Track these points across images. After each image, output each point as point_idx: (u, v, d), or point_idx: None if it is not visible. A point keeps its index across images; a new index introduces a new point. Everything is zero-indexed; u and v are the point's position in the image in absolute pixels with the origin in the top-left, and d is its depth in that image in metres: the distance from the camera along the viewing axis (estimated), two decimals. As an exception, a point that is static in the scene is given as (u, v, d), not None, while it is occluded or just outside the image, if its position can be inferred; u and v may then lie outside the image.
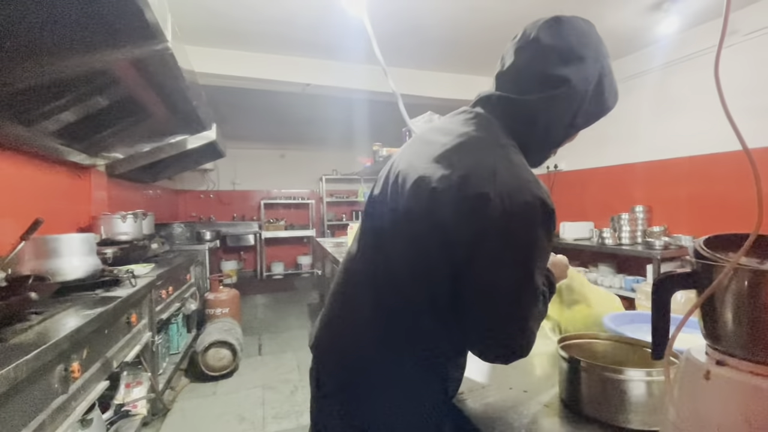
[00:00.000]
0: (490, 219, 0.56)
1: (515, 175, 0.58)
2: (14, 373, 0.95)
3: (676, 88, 3.24)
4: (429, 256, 0.62)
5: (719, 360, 0.42)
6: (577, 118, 0.67)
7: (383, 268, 0.69)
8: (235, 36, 3.01)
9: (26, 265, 1.61)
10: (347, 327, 0.74)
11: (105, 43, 1.47)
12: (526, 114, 0.66)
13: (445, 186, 0.60)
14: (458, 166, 0.61)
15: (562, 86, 0.64)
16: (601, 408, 0.66)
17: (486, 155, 0.61)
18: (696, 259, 0.44)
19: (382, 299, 0.69)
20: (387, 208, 0.71)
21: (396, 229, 0.67)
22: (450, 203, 0.59)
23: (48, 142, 2.16)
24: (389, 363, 0.68)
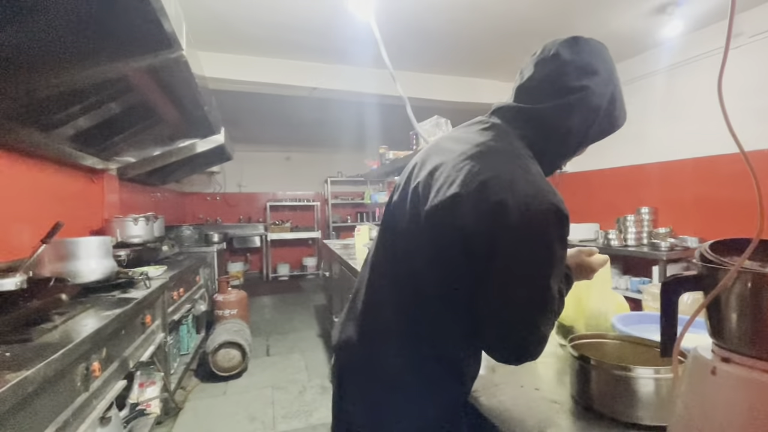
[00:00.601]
0: (508, 226, 0.59)
1: (532, 184, 0.61)
2: (44, 371, 0.99)
3: (682, 90, 3.25)
4: (449, 259, 0.65)
5: (725, 357, 0.45)
6: (590, 130, 0.71)
7: (405, 271, 0.73)
8: (244, 41, 3.06)
9: (47, 267, 1.66)
10: (369, 327, 0.77)
11: (123, 53, 1.52)
12: (541, 123, 0.70)
13: (465, 192, 0.63)
14: (477, 173, 0.63)
15: (579, 94, 0.68)
16: (610, 404, 0.69)
17: (504, 164, 0.64)
18: (702, 263, 0.47)
19: (403, 300, 0.72)
20: (408, 214, 0.73)
21: (417, 233, 0.70)
22: (470, 209, 0.62)
23: (64, 147, 2.21)
24: (409, 361, 0.71)
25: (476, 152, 0.68)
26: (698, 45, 3.07)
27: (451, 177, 0.66)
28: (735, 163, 2.84)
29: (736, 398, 0.42)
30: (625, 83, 3.72)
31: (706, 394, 0.44)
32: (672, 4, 2.67)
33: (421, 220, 0.69)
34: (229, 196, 7.00)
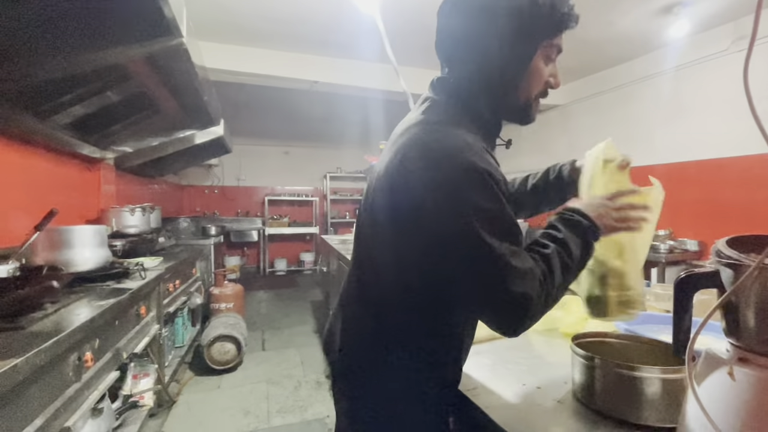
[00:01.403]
0: (427, 192, 0.57)
1: (445, 146, 0.60)
2: (35, 359, 0.97)
3: (686, 91, 3.24)
4: (393, 244, 0.66)
5: (741, 357, 0.43)
6: (506, 59, 0.65)
7: (367, 264, 0.75)
8: (246, 32, 3.03)
9: (40, 255, 1.63)
10: (343, 326, 0.77)
11: (122, 39, 1.49)
12: (460, 89, 0.70)
13: (391, 171, 0.64)
14: (399, 149, 0.64)
15: (466, 45, 0.67)
16: (615, 404, 0.67)
17: (420, 132, 0.64)
18: (719, 259, 0.45)
19: (369, 298, 0.73)
20: (367, 208, 0.74)
21: (372, 226, 0.72)
22: (395, 186, 0.63)
23: (60, 134, 2.18)
24: (383, 358, 0.70)
25: (405, 128, 0.68)
26: (704, 46, 3.05)
27: (387, 161, 0.67)
28: (737, 166, 2.83)
29: (755, 399, 0.40)
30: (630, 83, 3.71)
31: (722, 395, 0.42)
32: (678, 5, 2.65)
33: (375, 212, 0.70)
34: (228, 190, 6.96)
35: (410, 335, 0.69)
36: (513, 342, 1.07)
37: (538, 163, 4.85)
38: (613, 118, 3.87)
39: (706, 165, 3.10)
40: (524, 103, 0.70)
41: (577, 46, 3.25)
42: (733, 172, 2.87)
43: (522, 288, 0.54)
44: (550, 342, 1.07)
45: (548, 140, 4.73)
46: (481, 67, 0.67)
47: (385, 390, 0.70)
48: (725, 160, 2.92)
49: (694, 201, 3.19)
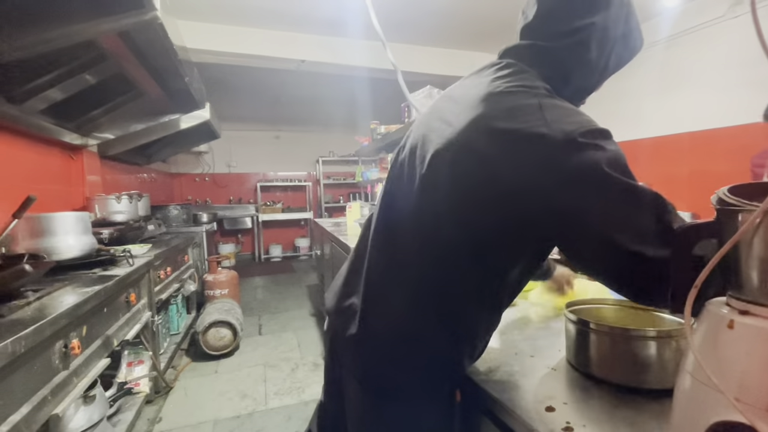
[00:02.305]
0: (560, 156, 0.52)
1: (563, 110, 0.56)
2: (12, 347, 0.94)
3: (680, 62, 3.18)
4: (476, 203, 0.58)
5: (743, 310, 0.41)
6: (609, 61, 0.66)
7: (414, 231, 0.66)
8: (225, 9, 2.90)
9: (20, 244, 1.58)
10: (366, 293, 0.71)
11: (91, 13, 1.41)
12: (559, 60, 0.65)
13: (492, 128, 0.57)
14: (500, 108, 0.58)
15: (590, 29, 0.62)
16: (610, 369, 0.66)
17: (526, 97, 0.58)
18: (721, 207, 0.43)
19: (402, 259, 0.67)
20: (419, 171, 0.66)
21: (427, 186, 0.64)
22: (502, 146, 0.56)
23: (38, 120, 2.10)
24: (411, 321, 0.65)
25: (491, 92, 0.61)
26: (697, 15, 2.98)
27: (470, 114, 0.60)
28: (730, 136, 2.81)
29: (756, 351, 0.38)
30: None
31: (723, 350, 0.40)
32: (673, -30, 2.57)
33: (438, 170, 0.62)
34: (219, 177, 6.86)
35: (465, 316, 0.65)
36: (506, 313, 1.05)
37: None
38: (606, 91, 3.78)
39: (700, 137, 3.07)
40: (591, 89, 0.71)
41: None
42: (726, 143, 2.84)
43: (668, 219, 0.50)
44: (545, 312, 1.06)
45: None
46: (602, 49, 0.64)
47: (411, 353, 0.66)
48: (718, 131, 2.90)
49: (687, 173, 3.18)
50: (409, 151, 0.71)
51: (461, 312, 0.65)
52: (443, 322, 0.64)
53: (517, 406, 0.61)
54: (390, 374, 0.67)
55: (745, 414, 0.36)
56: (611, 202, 0.51)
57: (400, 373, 0.66)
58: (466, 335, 0.66)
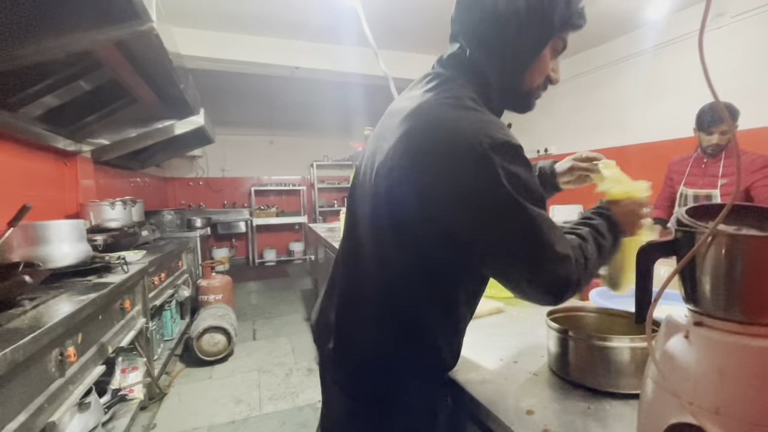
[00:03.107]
0: (466, 168, 0.56)
1: (477, 122, 0.59)
2: (11, 356, 0.95)
3: (665, 70, 3.27)
4: (412, 220, 0.63)
5: (697, 321, 0.45)
6: (520, 47, 0.67)
7: (371, 244, 0.70)
8: (220, 16, 2.93)
9: (15, 252, 1.59)
10: (339, 307, 0.75)
11: (88, 24, 1.43)
12: (471, 63, 0.69)
13: (416, 149, 0.61)
14: (422, 127, 0.61)
15: (486, 25, 0.66)
16: (587, 374, 0.70)
17: (447, 109, 0.62)
18: (678, 227, 0.47)
19: (373, 285, 0.70)
20: (369, 188, 0.70)
21: (376, 203, 0.68)
22: (422, 162, 0.60)
23: (32, 127, 2.11)
24: (380, 338, 0.69)
25: (420, 105, 0.65)
26: (682, 25, 3.07)
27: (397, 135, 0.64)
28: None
29: (707, 360, 0.42)
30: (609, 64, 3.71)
31: (680, 358, 0.44)
32: (657, -17, 2.65)
33: (381, 190, 0.66)
34: (212, 181, 6.85)
35: (421, 320, 0.68)
36: (492, 320, 1.09)
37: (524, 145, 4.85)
38: (593, 99, 3.90)
39: (684, 143, 3.15)
40: (527, 91, 0.71)
41: (559, 26, 3.24)
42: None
43: (563, 251, 0.58)
44: (530, 319, 1.10)
45: (533, 122, 4.74)
46: (497, 47, 0.66)
47: (386, 370, 0.69)
48: (703, 138, 2.97)
49: (673, 179, 3.25)
50: (363, 169, 0.75)
51: (423, 321, 0.68)
52: (409, 330, 0.68)
53: (499, 410, 0.65)
54: (369, 382, 0.70)
55: (696, 416, 0.40)
56: (504, 219, 0.57)
57: (378, 381, 0.69)
58: (432, 342, 0.69)
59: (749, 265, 0.41)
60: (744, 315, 0.42)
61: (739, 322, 0.42)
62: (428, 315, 0.68)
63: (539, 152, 4.52)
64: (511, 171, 0.56)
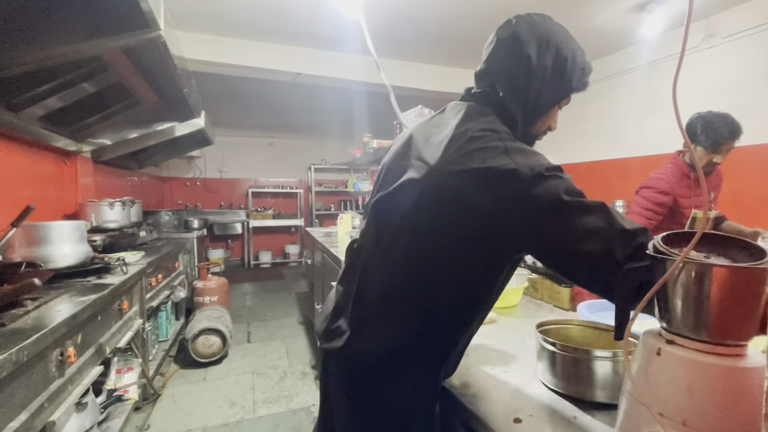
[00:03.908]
0: (528, 190, 0.62)
1: (524, 151, 0.66)
2: (17, 356, 0.98)
3: (658, 87, 3.35)
4: (449, 236, 0.68)
5: (669, 339, 0.49)
6: (540, 99, 0.76)
7: (395, 254, 0.74)
8: (225, 22, 2.98)
9: (17, 252, 1.61)
10: (358, 311, 0.78)
11: (99, 32, 1.47)
12: (503, 106, 0.76)
13: (467, 169, 0.66)
14: (471, 149, 0.67)
15: (521, 73, 0.74)
16: (572, 385, 0.74)
17: (492, 140, 0.68)
18: (653, 254, 0.51)
19: (390, 285, 0.74)
20: (398, 200, 0.75)
21: (408, 216, 0.73)
22: (473, 180, 0.65)
23: (35, 127, 2.13)
24: (397, 339, 0.72)
25: (460, 134, 0.71)
26: (675, 43, 3.16)
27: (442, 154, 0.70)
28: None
29: (677, 376, 0.46)
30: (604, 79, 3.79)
31: (652, 373, 0.48)
32: (652, 2, 2.73)
33: (413, 204, 0.72)
34: (210, 182, 6.87)
35: (440, 323, 0.73)
36: (484, 329, 1.13)
37: (519, 155, 4.94)
38: (589, 112, 3.97)
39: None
40: (535, 134, 0.81)
41: (557, 40, 3.32)
42: (701, 165, 3.00)
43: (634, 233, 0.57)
44: (521, 329, 1.14)
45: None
46: (526, 94, 0.75)
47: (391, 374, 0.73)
48: (694, 154, 3.05)
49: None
50: (389, 178, 0.81)
51: (440, 329, 0.73)
52: (424, 338, 0.72)
53: (489, 418, 0.69)
54: (374, 388, 0.73)
55: (665, 427, 0.44)
56: (570, 220, 0.60)
57: (385, 388, 0.73)
58: (444, 351, 0.75)
59: (716, 290, 0.46)
60: (711, 336, 0.46)
61: (707, 342, 0.47)
62: (447, 319, 0.73)
63: (535, 162, 4.60)
64: (566, 184, 0.63)
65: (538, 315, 1.28)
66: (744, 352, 0.46)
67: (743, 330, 0.46)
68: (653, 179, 1.91)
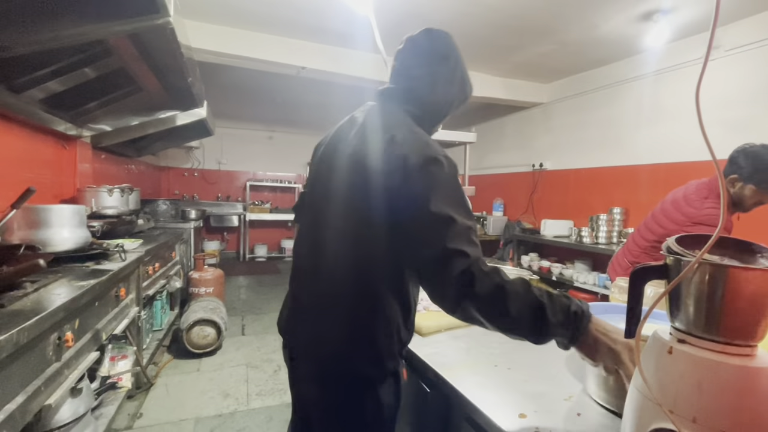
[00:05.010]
0: (411, 172, 0.72)
1: (421, 142, 0.78)
2: (17, 338, 0.97)
3: (663, 96, 3.38)
4: (369, 218, 0.77)
5: (680, 338, 0.50)
6: (449, 104, 0.94)
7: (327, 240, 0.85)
8: (233, 13, 2.96)
9: (15, 234, 1.60)
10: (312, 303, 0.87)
11: (106, 15, 1.45)
12: (417, 98, 0.91)
13: (375, 156, 0.78)
14: (391, 145, 0.77)
15: (434, 75, 0.90)
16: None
17: (405, 136, 0.78)
18: (668, 254, 0.52)
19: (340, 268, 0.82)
20: (324, 193, 0.88)
21: (335, 205, 0.84)
22: (379, 168, 0.76)
23: (35, 109, 2.10)
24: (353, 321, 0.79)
25: (366, 127, 0.85)
26: (681, 53, 3.18)
27: (357, 148, 0.83)
28: (705, 170, 3.00)
29: (688, 374, 0.47)
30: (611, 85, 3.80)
31: (663, 370, 0.49)
32: (658, 12, 2.75)
33: (340, 192, 0.83)
34: (208, 173, 6.83)
35: (386, 301, 0.79)
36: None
37: (520, 158, 4.97)
38: (593, 118, 4.00)
39: (676, 167, 3.26)
40: (436, 124, 0.97)
41: (562, 47, 3.33)
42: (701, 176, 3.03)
43: (469, 251, 0.67)
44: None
45: (531, 137, 4.84)
46: (433, 95, 0.92)
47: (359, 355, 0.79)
48: (694, 164, 3.08)
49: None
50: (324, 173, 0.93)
51: (386, 302, 0.79)
52: (376, 310, 0.78)
53: (494, 413, 0.70)
54: (340, 368, 0.80)
55: (675, 423, 0.45)
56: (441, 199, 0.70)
57: (344, 362, 0.79)
58: (393, 318, 0.80)
59: (729, 291, 0.47)
60: (723, 336, 0.47)
61: (718, 342, 0.47)
62: (390, 297, 0.79)
63: (534, 166, 4.62)
64: (452, 178, 0.75)
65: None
66: (754, 353, 0.47)
67: (754, 331, 0.47)
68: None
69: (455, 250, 0.65)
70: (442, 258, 0.66)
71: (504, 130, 5.28)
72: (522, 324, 0.64)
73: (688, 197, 1.69)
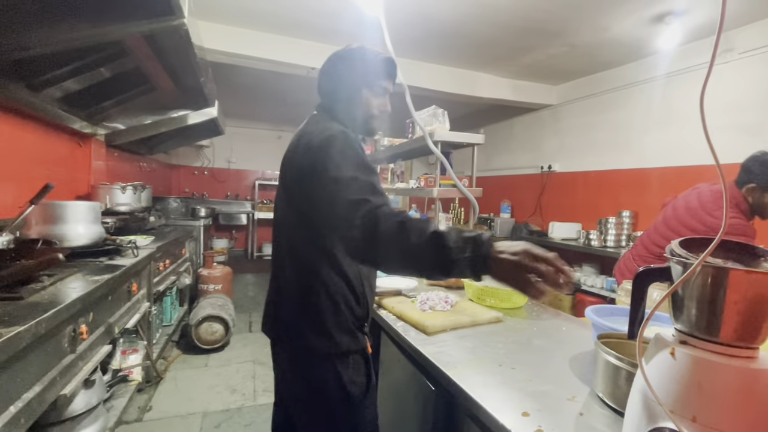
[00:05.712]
0: (312, 150, 0.89)
1: (326, 128, 0.94)
2: (35, 329, 1.00)
3: (675, 99, 3.34)
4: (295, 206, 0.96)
5: (682, 340, 0.51)
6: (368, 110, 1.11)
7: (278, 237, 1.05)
8: (245, 14, 3.00)
9: (33, 229, 1.64)
10: (274, 292, 1.05)
11: (123, 17, 1.49)
12: (334, 111, 1.11)
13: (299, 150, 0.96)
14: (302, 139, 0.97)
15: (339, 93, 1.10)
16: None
17: (315, 129, 0.97)
18: (671, 257, 0.53)
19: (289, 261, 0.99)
20: (277, 197, 1.08)
21: (279, 205, 1.05)
22: (298, 158, 0.94)
23: (52, 107, 2.16)
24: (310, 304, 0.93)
25: (303, 129, 1.05)
26: (693, 56, 3.15)
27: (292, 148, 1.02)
28: (715, 174, 2.96)
29: (689, 374, 0.48)
30: (621, 88, 3.76)
31: (664, 372, 0.50)
32: (670, 14, 2.72)
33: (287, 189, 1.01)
34: (218, 172, 6.90)
35: (329, 281, 0.93)
36: (492, 328, 1.15)
37: (528, 160, 4.95)
38: (602, 120, 3.97)
39: (686, 171, 3.22)
40: (363, 120, 1.11)
41: (572, 49, 3.31)
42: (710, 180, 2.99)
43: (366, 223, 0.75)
44: (526, 330, 1.15)
45: (539, 139, 4.82)
46: (337, 98, 1.11)
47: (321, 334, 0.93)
48: (704, 168, 3.04)
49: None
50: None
51: (329, 282, 0.93)
52: (323, 291, 0.93)
53: (497, 411, 0.71)
54: (293, 342, 0.95)
55: (675, 422, 0.46)
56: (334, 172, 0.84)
57: (300, 338, 0.93)
58: (342, 298, 0.95)
59: (731, 293, 0.47)
60: (724, 337, 0.48)
61: (719, 344, 0.48)
62: (330, 273, 0.93)
63: (542, 168, 4.59)
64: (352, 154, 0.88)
65: (543, 317, 1.30)
66: (756, 355, 0.48)
67: (756, 333, 0.47)
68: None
69: (358, 200, 0.76)
70: (347, 208, 0.76)
71: (512, 131, 5.26)
72: (426, 255, 0.69)
73: (706, 205, 1.66)
